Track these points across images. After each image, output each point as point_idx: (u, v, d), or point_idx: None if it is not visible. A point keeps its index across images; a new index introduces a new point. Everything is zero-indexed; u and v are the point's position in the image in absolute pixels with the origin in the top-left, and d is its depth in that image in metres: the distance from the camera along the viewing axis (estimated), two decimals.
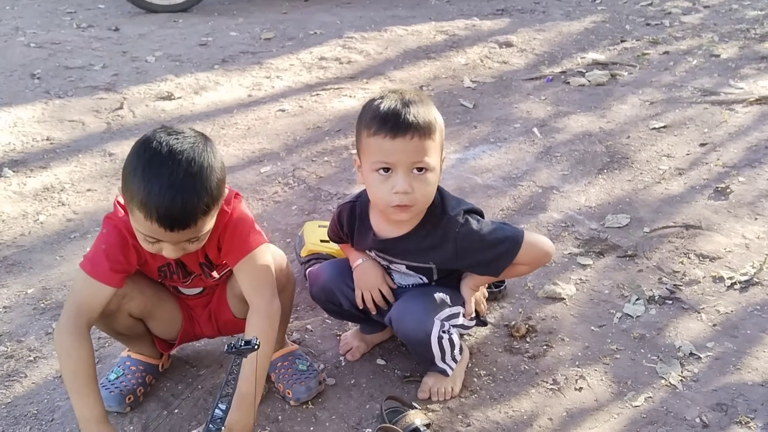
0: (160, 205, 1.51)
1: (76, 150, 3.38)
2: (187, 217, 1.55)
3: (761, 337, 2.13)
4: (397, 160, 1.64)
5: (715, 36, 4.87)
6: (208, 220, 1.62)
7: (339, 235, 1.97)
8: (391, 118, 1.63)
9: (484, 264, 1.83)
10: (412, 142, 1.63)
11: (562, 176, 3.08)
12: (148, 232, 1.58)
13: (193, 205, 1.54)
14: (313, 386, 1.92)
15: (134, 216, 1.58)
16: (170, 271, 1.80)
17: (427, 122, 1.65)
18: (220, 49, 4.76)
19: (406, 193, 1.65)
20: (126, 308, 1.81)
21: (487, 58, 4.57)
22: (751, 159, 3.16)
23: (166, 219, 1.53)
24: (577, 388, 1.97)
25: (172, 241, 1.59)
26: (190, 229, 1.57)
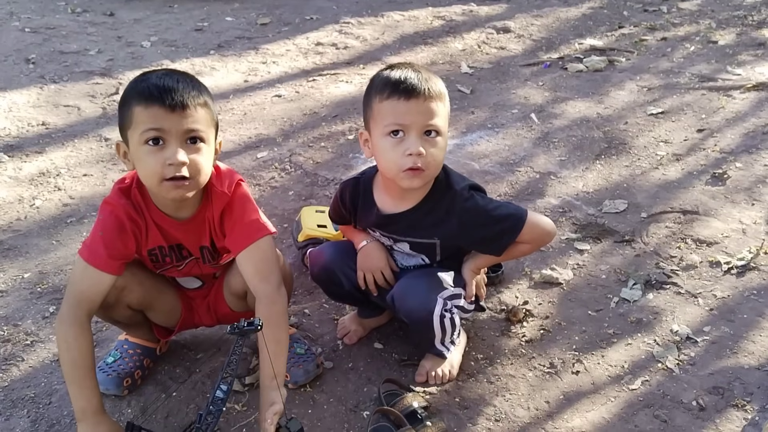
0: (157, 82, 1.58)
1: (72, 135, 3.37)
2: (183, 92, 1.57)
3: (758, 321, 2.14)
4: (411, 121, 1.67)
5: (712, 22, 4.86)
6: (205, 115, 1.62)
7: (341, 214, 1.96)
8: (404, 81, 1.67)
9: (488, 240, 1.83)
10: (425, 104, 1.67)
11: (560, 162, 3.08)
12: (150, 123, 1.56)
13: (188, 84, 1.60)
14: (311, 369, 1.92)
15: (134, 121, 1.58)
16: (162, 254, 1.79)
17: (438, 87, 1.71)
18: (216, 34, 4.74)
19: (419, 154, 1.66)
20: (125, 300, 1.81)
21: (485, 44, 4.56)
22: (748, 145, 3.16)
23: (165, 92, 1.56)
24: (574, 371, 1.97)
25: (176, 128, 1.57)
26: (189, 110, 1.58)
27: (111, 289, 1.71)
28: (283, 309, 1.74)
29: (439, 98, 1.70)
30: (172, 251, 1.79)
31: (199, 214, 1.75)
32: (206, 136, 1.63)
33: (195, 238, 1.77)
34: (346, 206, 1.92)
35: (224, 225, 1.75)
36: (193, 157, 1.61)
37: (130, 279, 1.77)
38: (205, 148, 1.64)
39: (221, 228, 1.75)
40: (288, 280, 1.92)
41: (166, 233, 1.75)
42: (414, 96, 1.66)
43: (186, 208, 1.73)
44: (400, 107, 1.66)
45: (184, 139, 1.60)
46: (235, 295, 1.87)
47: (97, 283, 1.69)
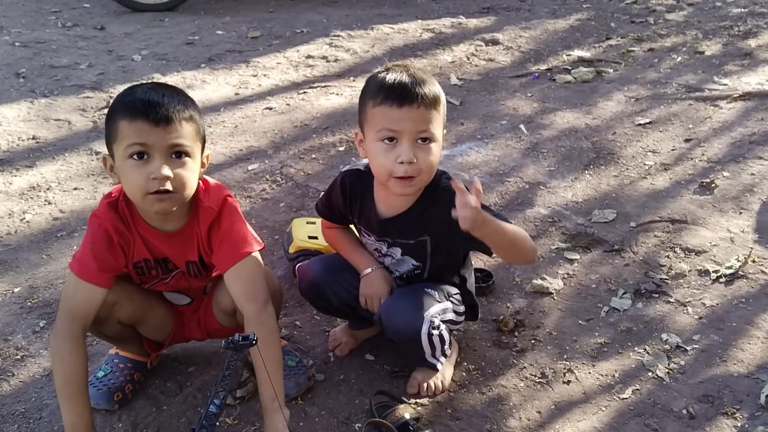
0: (142, 96, 1.59)
1: (62, 149, 3.36)
2: (168, 106, 1.58)
3: (746, 329, 2.15)
4: (403, 128, 1.66)
5: (699, 33, 4.91)
6: (190, 129, 1.63)
7: (339, 207, 1.91)
8: (398, 87, 1.66)
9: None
10: (419, 111, 1.65)
11: (549, 172, 3.10)
12: (134, 137, 1.57)
13: (173, 98, 1.60)
14: (302, 382, 1.92)
15: (119, 135, 1.58)
16: (148, 267, 1.78)
17: (433, 93, 1.68)
18: (207, 47, 4.75)
19: (410, 162, 1.65)
20: (116, 315, 1.81)
21: (474, 56, 4.59)
22: (735, 154, 3.19)
23: (150, 106, 1.56)
24: (565, 381, 1.98)
25: (160, 143, 1.58)
26: (173, 124, 1.58)
27: (102, 305, 1.71)
28: (272, 328, 1.74)
29: (434, 104, 1.68)
30: (157, 264, 1.79)
31: (186, 228, 1.75)
32: (191, 151, 1.64)
33: (181, 253, 1.77)
34: (345, 196, 1.88)
35: (212, 240, 1.75)
36: (178, 172, 1.61)
37: (120, 294, 1.77)
38: (190, 163, 1.64)
39: (209, 243, 1.76)
40: (277, 296, 1.92)
41: (151, 246, 1.75)
42: (407, 103, 1.65)
43: (172, 221, 1.73)
44: (392, 114, 1.66)
45: (169, 154, 1.60)
46: (224, 312, 1.88)
47: (90, 296, 1.69)
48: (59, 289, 2.37)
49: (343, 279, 1.96)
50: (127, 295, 1.81)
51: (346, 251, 1.99)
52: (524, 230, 1.80)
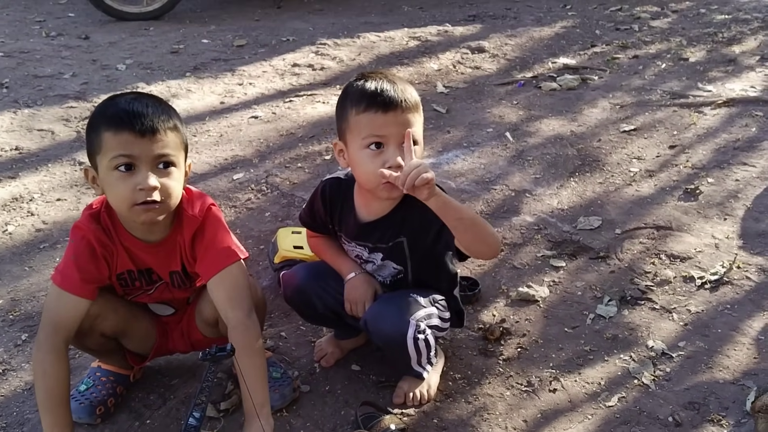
0: (126, 107, 1.58)
1: (46, 159, 3.34)
2: (153, 116, 1.57)
3: (732, 336, 2.16)
4: (389, 133, 1.66)
5: (683, 40, 4.94)
6: (175, 139, 1.62)
7: (320, 215, 1.92)
8: (381, 93, 1.67)
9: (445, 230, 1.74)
10: (403, 115, 1.67)
11: (535, 179, 3.10)
12: (119, 149, 1.56)
13: (157, 108, 1.60)
14: (287, 393, 1.91)
15: (103, 147, 1.57)
16: (131, 278, 1.77)
17: (414, 97, 1.71)
18: (192, 56, 4.73)
19: (399, 166, 1.64)
20: (99, 328, 1.79)
21: (460, 64, 4.60)
22: (719, 160, 3.21)
23: (134, 117, 1.56)
24: (551, 389, 1.97)
25: (146, 154, 1.57)
26: (159, 134, 1.57)
27: (85, 317, 1.70)
28: (256, 336, 1.72)
29: (416, 108, 1.70)
30: (141, 275, 1.77)
31: (169, 238, 1.74)
32: (177, 160, 1.63)
33: (165, 263, 1.76)
34: (326, 205, 1.89)
35: (195, 249, 1.74)
36: (164, 181, 1.61)
37: (103, 306, 1.75)
38: (176, 172, 1.64)
39: (192, 253, 1.74)
40: (261, 306, 1.91)
41: (135, 257, 1.74)
42: (392, 108, 1.65)
43: (156, 231, 1.72)
44: (378, 120, 1.66)
45: (155, 164, 1.59)
46: (207, 323, 1.86)
47: (73, 308, 1.67)
48: (42, 302, 2.34)
49: (328, 285, 1.95)
50: (111, 307, 1.79)
51: (330, 257, 1.99)
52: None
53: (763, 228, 2.68)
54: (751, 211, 2.80)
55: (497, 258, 2.57)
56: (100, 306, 1.74)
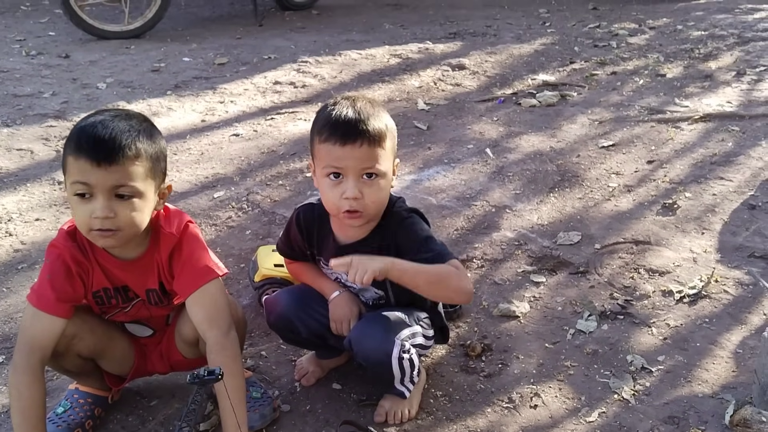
0: (90, 132, 1.54)
1: (24, 179, 3.31)
2: (114, 146, 1.53)
3: (710, 349, 2.17)
4: (347, 166, 1.67)
5: (660, 56, 5.01)
6: (139, 169, 1.58)
7: (295, 242, 1.92)
8: (342, 125, 1.66)
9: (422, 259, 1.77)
10: (362, 149, 1.66)
11: (515, 195, 3.12)
12: (77, 175, 1.55)
13: (124, 134, 1.56)
14: (267, 413, 1.89)
15: (68, 167, 1.57)
16: (107, 296, 1.76)
17: (377, 130, 1.68)
18: (173, 74, 4.73)
19: (355, 198, 1.67)
20: (75, 349, 1.77)
21: (441, 81, 4.63)
22: (696, 175, 3.25)
23: (93, 145, 1.53)
24: (532, 405, 1.98)
25: (102, 184, 1.54)
26: (117, 165, 1.54)
27: (61, 338, 1.68)
28: (234, 355, 1.71)
29: (379, 140, 1.68)
30: (117, 293, 1.76)
31: (146, 256, 1.73)
32: (138, 190, 1.60)
33: (141, 280, 1.75)
34: (302, 231, 1.89)
35: (173, 267, 1.73)
36: (121, 211, 1.58)
37: (80, 326, 1.74)
38: (138, 202, 1.60)
39: (170, 270, 1.74)
40: (241, 324, 1.90)
41: (110, 275, 1.73)
42: (350, 141, 1.65)
43: (131, 249, 1.71)
44: (336, 152, 1.67)
45: (112, 193, 1.57)
46: (187, 343, 1.85)
47: (48, 327, 1.66)
48: (19, 323, 2.32)
49: (311, 309, 1.94)
50: (88, 327, 1.77)
51: (312, 278, 1.98)
52: (456, 272, 1.74)
53: (740, 242, 2.71)
54: (728, 225, 2.83)
55: (478, 274, 2.58)
56: (76, 326, 1.72)
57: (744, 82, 4.45)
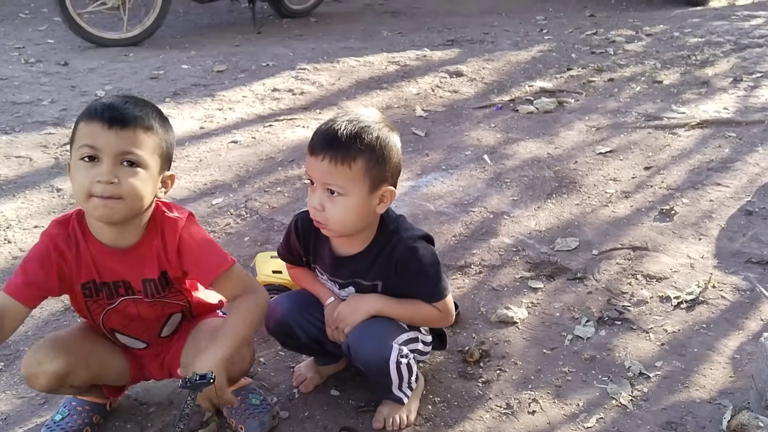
0: (104, 102, 1.59)
1: (23, 186, 3.32)
2: (127, 112, 1.57)
3: (708, 355, 2.18)
4: (313, 176, 1.74)
5: (657, 63, 5.03)
6: (147, 140, 1.60)
7: (294, 248, 1.94)
8: (315, 135, 1.73)
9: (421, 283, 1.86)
10: (323, 163, 1.69)
11: (513, 201, 3.13)
12: (86, 138, 1.56)
13: (134, 107, 1.60)
14: (266, 421, 1.89)
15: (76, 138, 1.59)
16: (96, 289, 1.73)
17: (348, 149, 1.68)
18: (172, 82, 4.74)
19: (315, 209, 1.73)
20: (70, 383, 1.76)
21: (438, 88, 4.65)
22: (694, 181, 3.26)
23: (106, 109, 1.56)
24: (530, 411, 1.98)
25: (110, 147, 1.55)
26: (128, 130, 1.56)
27: (55, 378, 1.69)
28: (260, 311, 1.78)
29: (345, 159, 1.68)
30: (104, 286, 1.74)
31: (142, 243, 1.71)
32: (144, 161, 1.60)
33: (137, 270, 1.72)
34: (299, 238, 1.91)
35: (183, 251, 1.72)
36: (126, 179, 1.58)
37: (74, 364, 1.72)
38: (143, 174, 1.61)
39: (177, 256, 1.72)
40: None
41: (101, 267, 1.71)
42: (315, 153, 1.71)
43: (127, 236, 1.69)
44: (309, 159, 1.74)
45: (119, 160, 1.58)
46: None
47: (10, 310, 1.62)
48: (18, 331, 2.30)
49: (310, 315, 1.95)
50: (82, 363, 1.75)
51: (310, 283, 1.99)
52: (437, 316, 1.90)
53: (737, 247, 2.72)
54: (725, 231, 2.84)
55: (476, 280, 2.59)
56: (70, 365, 1.70)
57: (741, 88, 4.47)
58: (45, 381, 1.70)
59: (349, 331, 1.85)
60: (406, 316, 1.88)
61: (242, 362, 1.83)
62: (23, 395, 2.05)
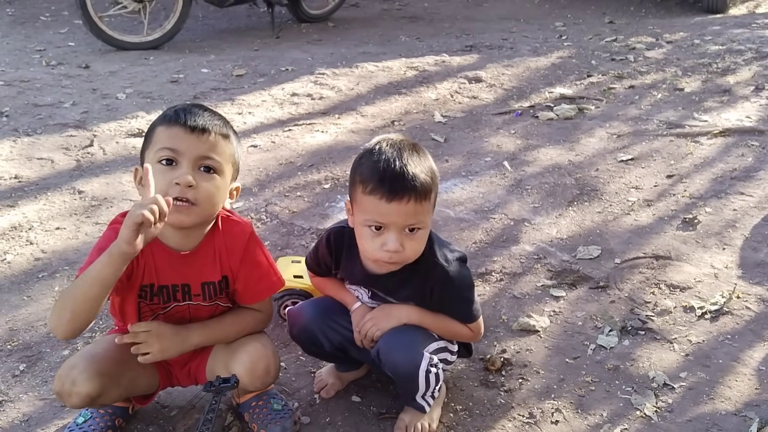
0: (184, 107, 1.65)
1: (45, 188, 3.34)
2: (206, 117, 1.62)
3: (733, 366, 2.15)
4: (392, 221, 1.66)
5: (678, 70, 5.00)
6: (224, 147, 1.66)
7: (324, 261, 1.92)
8: (389, 180, 1.62)
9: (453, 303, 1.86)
10: (408, 205, 1.64)
11: (533, 208, 3.11)
12: (166, 141, 1.60)
13: (212, 114, 1.66)
14: (288, 426, 1.88)
15: (153, 140, 1.62)
16: (152, 293, 1.75)
17: (425, 184, 1.65)
18: (192, 85, 4.77)
19: (396, 252, 1.67)
20: (100, 402, 1.76)
21: (457, 93, 4.64)
22: (717, 190, 3.23)
23: (188, 114, 1.61)
24: (553, 421, 1.96)
25: (190, 151, 1.60)
26: (208, 134, 1.61)
27: (87, 399, 1.70)
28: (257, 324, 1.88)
29: (425, 195, 1.66)
30: (162, 291, 1.76)
31: (204, 246, 1.74)
32: (221, 168, 1.65)
33: (198, 274, 1.76)
34: (331, 253, 1.89)
35: (244, 264, 1.78)
36: (203, 184, 1.62)
37: (107, 384, 1.72)
38: (219, 180, 1.65)
39: (240, 264, 1.77)
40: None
41: (161, 270, 1.73)
42: (398, 198, 1.62)
43: (191, 240, 1.73)
44: (382, 207, 1.64)
45: (197, 165, 1.62)
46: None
47: None
48: (40, 332, 2.34)
49: (335, 322, 1.94)
50: (114, 384, 1.75)
51: (335, 290, 1.98)
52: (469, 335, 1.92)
53: (761, 258, 2.69)
54: (750, 241, 2.81)
55: (497, 288, 2.57)
56: (103, 387, 1.70)
57: (763, 96, 4.43)
58: (77, 400, 1.71)
59: (379, 336, 1.84)
60: (438, 330, 1.88)
61: (266, 374, 1.83)
62: (45, 397, 2.06)
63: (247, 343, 1.83)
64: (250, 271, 1.79)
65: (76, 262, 2.71)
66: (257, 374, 1.79)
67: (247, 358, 1.79)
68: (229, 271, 1.78)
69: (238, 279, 1.80)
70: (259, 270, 1.81)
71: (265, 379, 1.83)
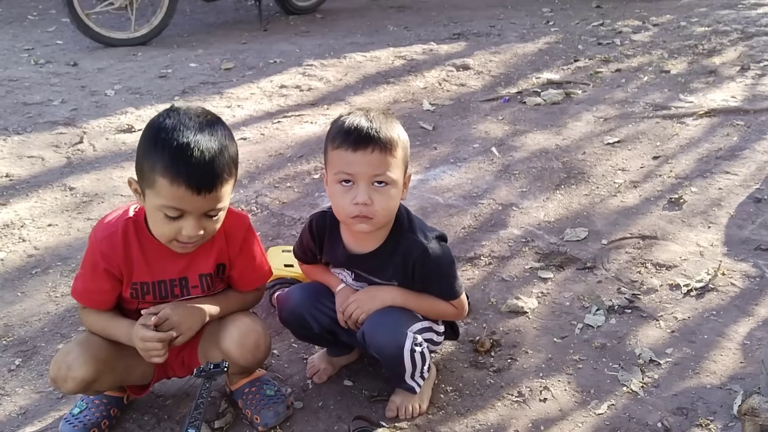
0: (186, 153, 1.56)
1: (36, 185, 3.35)
2: (214, 174, 1.60)
3: (718, 342, 2.19)
4: (357, 171, 1.71)
5: (664, 53, 5.03)
6: (228, 189, 1.67)
7: (309, 248, 1.96)
8: (354, 132, 1.71)
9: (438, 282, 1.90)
10: (373, 155, 1.70)
11: (521, 193, 3.14)
12: (172, 201, 1.60)
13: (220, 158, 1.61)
14: (281, 411, 1.92)
15: (156, 188, 1.60)
16: (143, 291, 1.79)
17: (389, 138, 1.72)
18: (180, 80, 4.77)
19: (365, 204, 1.71)
20: (95, 387, 1.80)
21: (445, 81, 4.66)
22: (702, 170, 3.26)
23: (193, 172, 1.57)
24: (542, 399, 2.00)
25: (196, 209, 1.63)
26: (215, 191, 1.62)
27: (82, 384, 1.74)
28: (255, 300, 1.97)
29: (391, 148, 1.72)
30: (154, 288, 1.80)
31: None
32: (224, 206, 1.70)
33: (194, 266, 1.80)
34: (314, 238, 1.93)
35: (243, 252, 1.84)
36: (207, 225, 1.68)
37: (102, 370, 1.76)
38: (221, 214, 1.71)
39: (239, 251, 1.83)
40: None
41: (156, 267, 1.77)
42: (361, 147, 1.70)
43: None
44: (348, 157, 1.71)
45: (203, 214, 1.66)
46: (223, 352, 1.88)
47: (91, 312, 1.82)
48: (34, 327, 2.36)
49: (323, 305, 1.97)
50: (109, 369, 1.79)
51: (321, 275, 2.01)
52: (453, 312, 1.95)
53: (746, 235, 2.73)
54: (734, 219, 2.85)
55: (486, 271, 2.61)
56: (98, 372, 1.74)
57: (748, 77, 4.46)
58: (72, 385, 1.74)
59: (363, 318, 1.87)
60: (422, 310, 1.91)
61: (256, 348, 1.86)
62: (41, 390, 2.08)
63: (236, 318, 1.87)
64: (247, 262, 1.86)
65: (68, 258, 2.73)
66: (247, 347, 1.83)
67: (236, 332, 1.83)
68: (227, 259, 1.83)
69: (234, 267, 1.86)
70: (254, 261, 1.88)
71: (255, 353, 1.86)
